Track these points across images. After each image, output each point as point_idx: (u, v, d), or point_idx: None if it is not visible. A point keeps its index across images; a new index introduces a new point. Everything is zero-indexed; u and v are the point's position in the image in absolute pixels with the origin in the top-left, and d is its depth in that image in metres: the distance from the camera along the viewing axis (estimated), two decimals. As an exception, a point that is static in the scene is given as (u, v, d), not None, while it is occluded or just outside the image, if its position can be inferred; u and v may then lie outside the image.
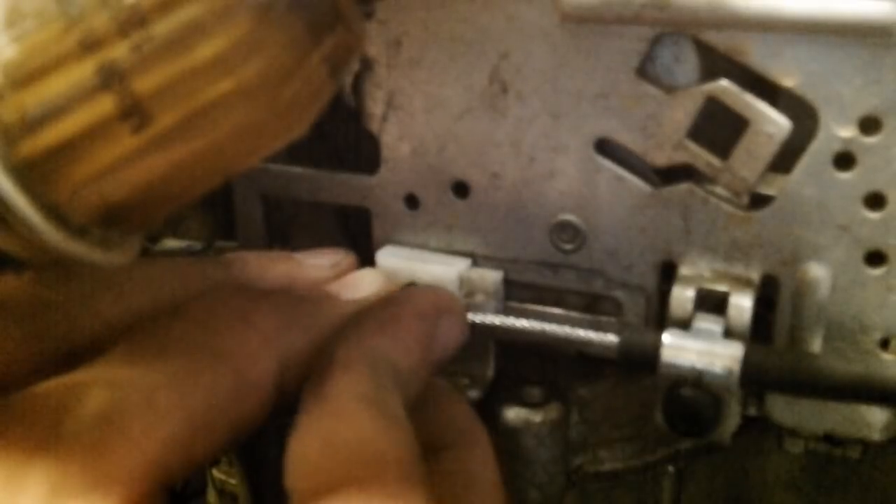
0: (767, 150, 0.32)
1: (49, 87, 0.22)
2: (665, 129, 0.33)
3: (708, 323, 0.33)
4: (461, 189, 0.37)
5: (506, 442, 0.40)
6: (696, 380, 0.31)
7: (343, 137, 0.40)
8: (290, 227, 0.43)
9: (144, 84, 0.22)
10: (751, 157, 0.32)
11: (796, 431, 0.37)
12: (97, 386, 0.24)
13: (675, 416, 0.32)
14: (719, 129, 0.33)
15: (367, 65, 0.36)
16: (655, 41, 0.33)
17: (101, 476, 0.22)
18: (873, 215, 0.32)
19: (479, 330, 0.38)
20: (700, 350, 0.32)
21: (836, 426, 0.35)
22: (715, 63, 0.33)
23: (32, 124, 0.22)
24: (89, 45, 0.22)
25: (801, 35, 0.31)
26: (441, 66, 0.35)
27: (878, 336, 0.34)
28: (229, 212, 0.41)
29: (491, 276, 0.37)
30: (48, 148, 0.22)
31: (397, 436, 0.25)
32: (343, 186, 0.39)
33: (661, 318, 0.36)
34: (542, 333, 0.35)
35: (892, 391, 0.30)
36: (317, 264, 0.35)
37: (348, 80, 0.37)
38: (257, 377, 0.27)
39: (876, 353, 0.34)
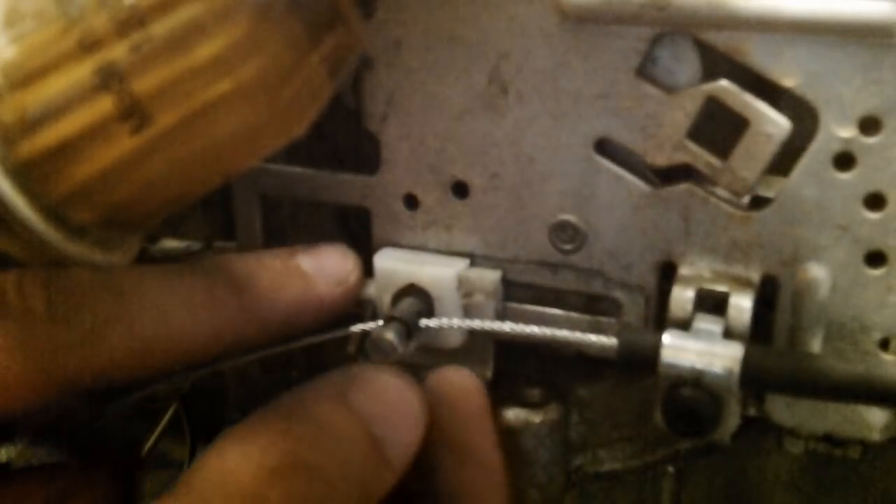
0: (767, 151, 0.32)
1: (48, 88, 0.22)
2: (665, 129, 0.33)
3: (708, 323, 0.33)
4: (461, 189, 0.37)
5: (506, 442, 0.40)
6: (695, 380, 0.31)
7: (343, 137, 0.40)
8: (289, 227, 0.43)
9: (144, 84, 0.22)
10: (751, 158, 0.32)
11: (796, 432, 0.37)
12: None
13: (675, 416, 0.32)
14: (719, 129, 0.33)
15: (367, 65, 0.36)
16: (655, 41, 0.33)
17: None
18: (873, 216, 0.32)
19: (477, 334, 0.38)
20: (700, 350, 0.32)
21: (835, 426, 0.35)
22: (716, 63, 0.33)
23: (32, 125, 0.22)
24: (88, 46, 0.22)
25: (801, 35, 0.31)
26: (441, 66, 0.35)
27: (878, 336, 0.34)
28: (229, 212, 0.41)
29: (489, 276, 0.37)
30: (47, 148, 0.22)
31: None
32: (343, 186, 0.39)
33: (660, 318, 0.36)
34: (542, 336, 0.35)
35: (892, 391, 0.30)
36: (327, 280, 0.35)
37: (348, 80, 0.37)
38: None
39: (876, 354, 0.34)
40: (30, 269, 0.27)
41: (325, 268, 0.35)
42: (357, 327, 0.36)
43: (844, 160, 0.32)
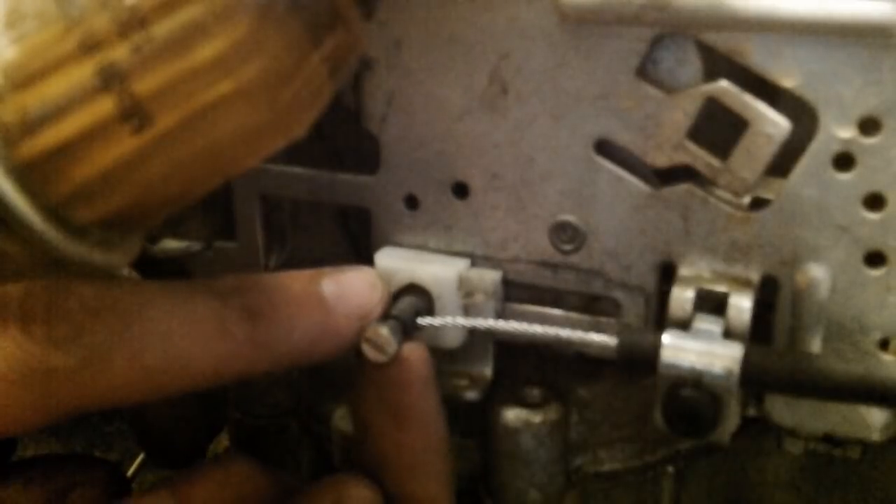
0: (767, 151, 0.32)
1: (49, 89, 0.22)
2: (665, 129, 0.33)
3: (707, 323, 0.33)
4: (461, 189, 0.37)
5: (505, 442, 0.40)
6: (695, 380, 0.31)
7: (343, 137, 0.40)
8: (289, 227, 0.43)
9: (144, 85, 0.22)
10: (750, 158, 0.32)
11: (796, 432, 0.37)
12: None
13: (675, 416, 0.32)
14: (719, 129, 0.33)
15: (367, 65, 0.36)
16: (656, 42, 0.33)
17: None
18: (873, 216, 0.32)
19: (478, 333, 0.38)
20: (700, 351, 0.32)
21: (835, 427, 0.35)
22: (716, 64, 0.33)
23: (33, 125, 0.22)
24: (89, 47, 0.22)
25: (800, 35, 0.31)
26: (441, 67, 0.35)
27: (877, 336, 0.34)
28: (229, 212, 0.41)
29: (490, 276, 0.37)
30: (48, 149, 0.22)
31: None
32: (343, 186, 0.39)
33: (660, 318, 0.36)
34: (542, 335, 0.35)
35: (891, 392, 0.30)
36: (349, 312, 0.32)
37: (348, 80, 0.37)
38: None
39: (875, 354, 0.34)
40: (34, 286, 0.27)
41: (349, 298, 0.32)
42: None
43: (844, 160, 0.32)
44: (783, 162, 0.33)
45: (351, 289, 0.33)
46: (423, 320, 0.36)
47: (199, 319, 0.29)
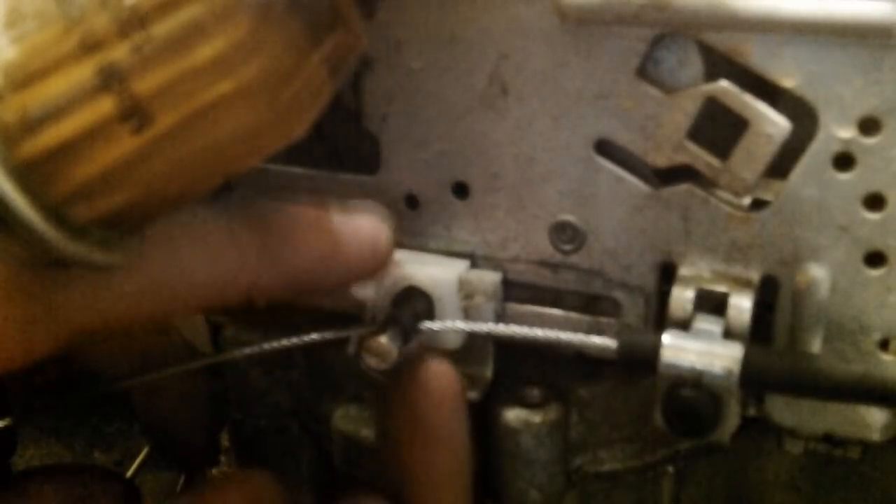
0: (767, 151, 0.32)
1: (49, 88, 0.22)
2: (665, 129, 0.33)
3: (707, 323, 0.33)
4: (461, 189, 0.37)
5: (506, 442, 0.40)
6: (695, 380, 0.31)
7: (343, 137, 0.40)
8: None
9: (144, 85, 0.22)
10: (750, 158, 0.32)
11: (796, 432, 0.37)
12: None
13: (675, 416, 0.32)
14: (719, 129, 0.33)
15: (367, 65, 0.36)
16: (657, 42, 0.33)
17: None
18: (873, 216, 0.32)
19: (477, 335, 0.38)
20: (700, 351, 0.32)
21: (835, 427, 0.35)
22: (716, 64, 0.33)
23: (33, 125, 0.22)
24: (89, 46, 0.22)
25: (801, 36, 0.31)
26: (441, 66, 0.35)
27: (877, 337, 0.34)
28: (229, 212, 0.41)
29: (490, 278, 0.37)
30: (48, 149, 0.22)
31: None
32: (343, 186, 0.39)
33: (660, 318, 0.36)
34: (543, 338, 0.35)
35: (891, 392, 0.30)
36: (359, 242, 0.32)
37: (348, 80, 0.37)
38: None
39: (875, 354, 0.34)
40: None
41: (358, 229, 0.32)
42: (356, 330, 0.36)
43: (844, 161, 0.32)
44: (783, 162, 0.33)
45: (361, 221, 0.32)
46: (424, 325, 0.36)
47: (208, 231, 0.29)
